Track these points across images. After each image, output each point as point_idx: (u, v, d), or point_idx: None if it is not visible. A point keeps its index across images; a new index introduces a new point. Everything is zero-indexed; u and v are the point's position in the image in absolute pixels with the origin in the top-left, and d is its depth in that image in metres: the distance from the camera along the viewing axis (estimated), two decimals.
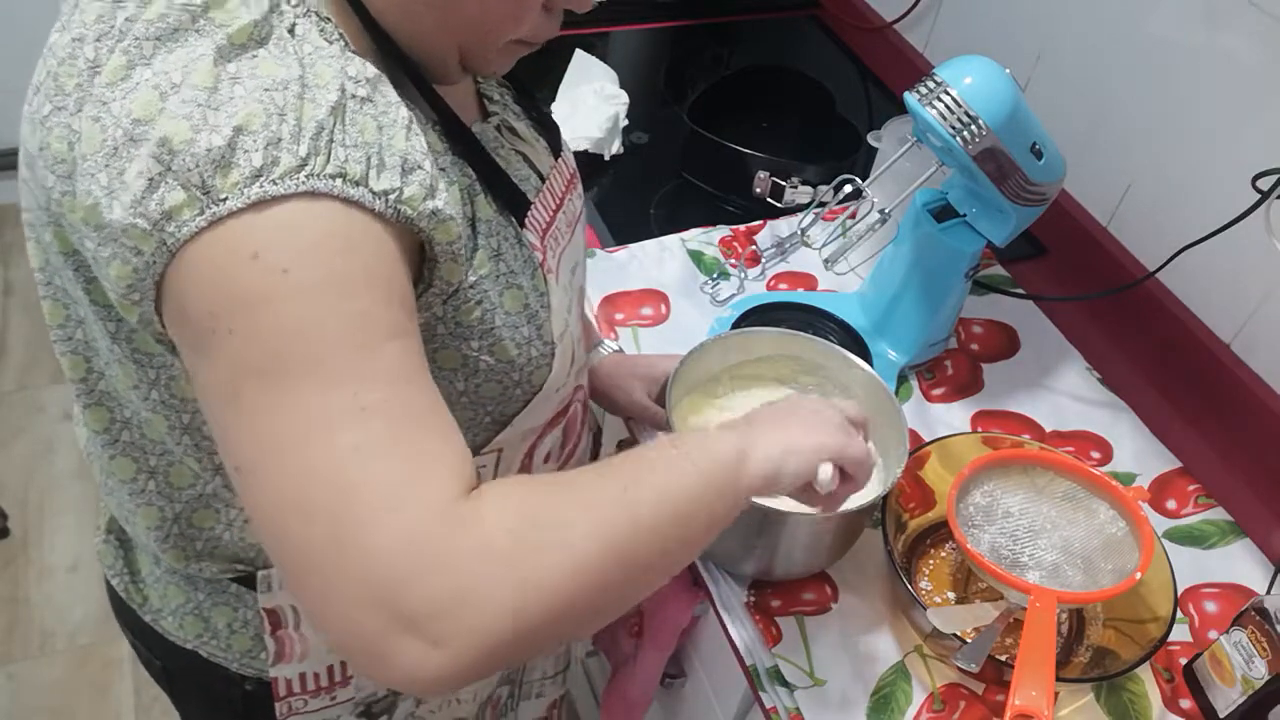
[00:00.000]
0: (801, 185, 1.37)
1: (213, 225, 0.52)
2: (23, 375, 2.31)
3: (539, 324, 0.71)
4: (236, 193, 0.51)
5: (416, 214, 0.57)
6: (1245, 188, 1.04)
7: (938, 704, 0.90)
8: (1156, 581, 0.91)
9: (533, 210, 0.73)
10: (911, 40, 1.68)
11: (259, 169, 0.52)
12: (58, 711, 1.77)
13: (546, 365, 0.72)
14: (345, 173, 0.54)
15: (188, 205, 0.52)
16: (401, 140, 0.57)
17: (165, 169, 0.52)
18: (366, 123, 0.56)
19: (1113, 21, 1.28)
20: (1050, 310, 1.30)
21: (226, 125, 0.52)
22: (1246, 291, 1.16)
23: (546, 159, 0.79)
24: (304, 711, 0.84)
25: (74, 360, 0.68)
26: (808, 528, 0.90)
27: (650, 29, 1.79)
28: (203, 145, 0.51)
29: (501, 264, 0.68)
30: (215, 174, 0.51)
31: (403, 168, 0.56)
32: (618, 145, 1.45)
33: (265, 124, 0.52)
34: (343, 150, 0.54)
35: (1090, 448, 1.15)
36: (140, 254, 0.53)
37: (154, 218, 0.52)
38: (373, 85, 0.58)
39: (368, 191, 0.54)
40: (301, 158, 0.53)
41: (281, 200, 0.52)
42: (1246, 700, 0.87)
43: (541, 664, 1.13)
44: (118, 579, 0.84)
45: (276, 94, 0.53)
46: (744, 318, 1.18)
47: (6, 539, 2.00)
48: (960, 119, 0.95)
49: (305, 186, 0.52)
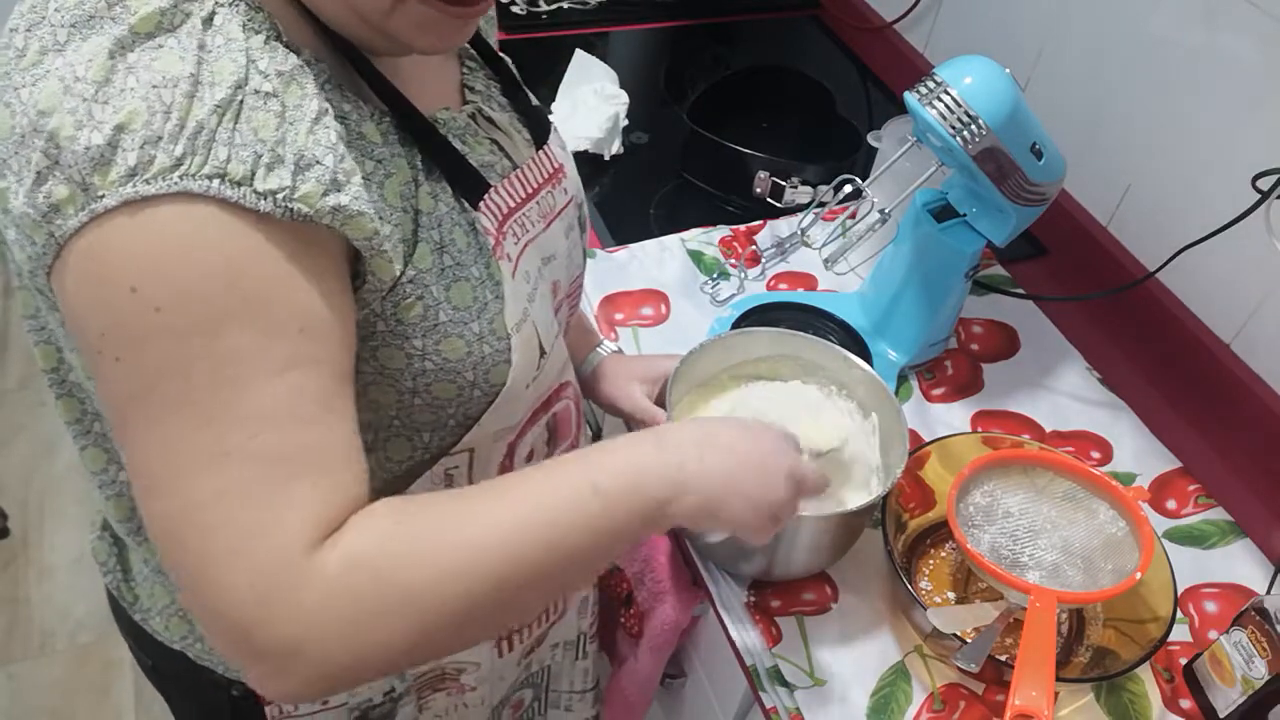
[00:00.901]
0: (801, 185, 1.37)
1: (94, 222, 0.52)
2: (23, 374, 2.32)
3: (490, 317, 0.68)
4: (113, 191, 0.51)
5: (314, 211, 0.55)
6: (1245, 188, 1.04)
7: (938, 704, 0.90)
8: (1156, 581, 0.91)
9: (492, 194, 0.70)
10: (911, 40, 1.68)
11: (134, 168, 0.51)
12: (58, 711, 1.77)
13: (504, 362, 0.70)
14: (225, 173, 0.52)
15: (70, 201, 0.52)
16: (303, 136, 0.56)
17: (53, 163, 0.52)
18: (265, 119, 0.54)
19: (1113, 21, 1.28)
20: (1050, 310, 1.30)
21: (109, 123, 0.51)
22: (1246, 291, 1.16)
23: (525, 150, 0.77)
24: (294, 715, 0.83)
25: (45, 350, 0.69)
26: (808, 528, 0.90)
27: (650, 29, 1.79)
28: (83, 143, 0.51)
29: (447, 257, 0.66)
30: (94, 172, 0.51)
31: (297, 164, 0.55)
32: (618, 145, 1.45)
33: (147, 122, 0.51)
34: (225, 149, 0.53)
35: (1090, 448, 1.15)
36: (34, 244, 0.54)
37: (43, 210, 0.52)
38: (286, 79, 0.56)
39: (250, 192, 0.53)
40: (177, 157, 0.52)
41: (156, 202, 0.51)
42: (1246, 700, 0.87)
43: (568, 675, 1.11)
44: (110, 576, 0.84)
45: (165, 91, 0.52)
46: (744, 318, 1.18)
47: (6, 539, 2.01)
48: (960, 119, 0.95)
49: (179, 187, 0.51)
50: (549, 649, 1.05)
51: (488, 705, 0.98)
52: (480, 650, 0.90)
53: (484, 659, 0.91)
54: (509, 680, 1.01)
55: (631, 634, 1.13)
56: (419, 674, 0.87)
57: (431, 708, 0.92)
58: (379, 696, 0.86)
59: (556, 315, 0.83)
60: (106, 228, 0.51)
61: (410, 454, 0.71)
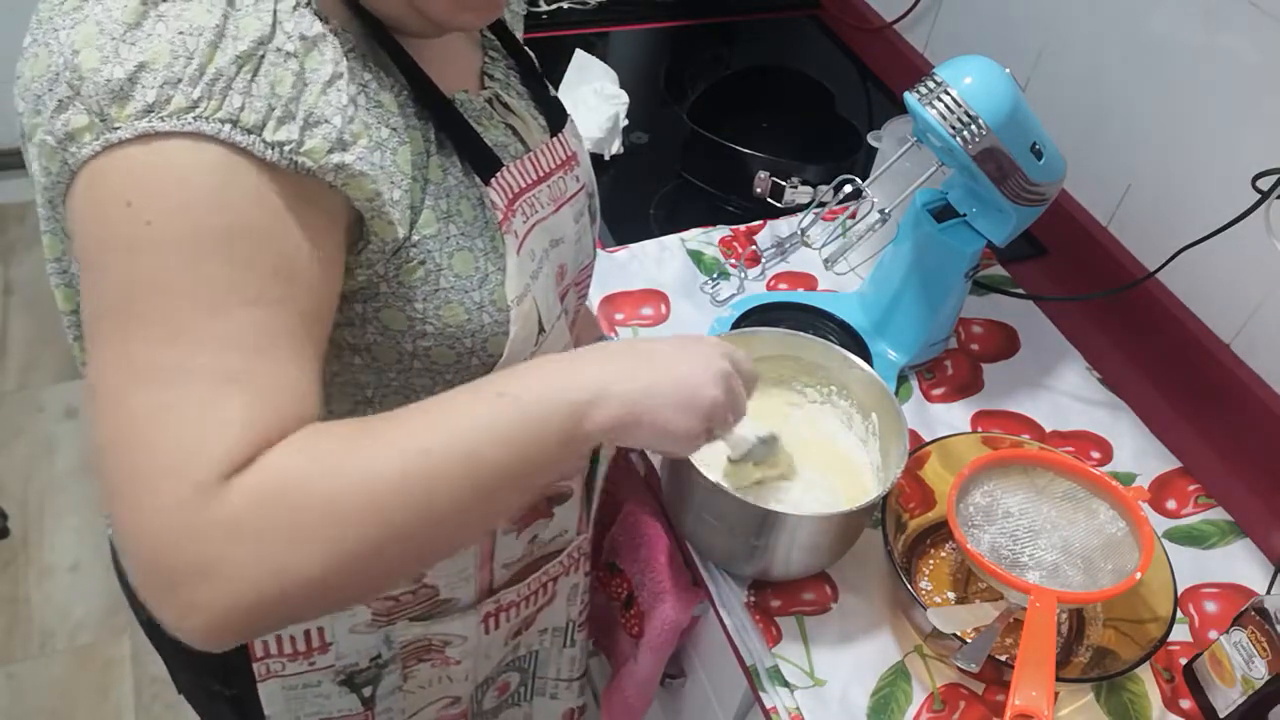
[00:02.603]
0: (801, 185, 1.37)
1: (107, 151, 0.54)
2: (23, 375, 2.31)
3: (491, 289, 0.70)
4: (128, 123, 0.54)
5: (318, 166, 0.58)
6: (1245, 188, 1.04)
7: (938, 704, 0.90)
8: (1156, 581, 0.91)
9: (504, 173, 0.72)
10: (911, 40, 1.68)
11: (151, 104, 0.54)
12: (58, 711, 1.77)
13: (502, 333, 0.71)
14: (237, 120, 0.55)
15: (88, 129, 0.54)
16: (314, 95, 0.59)
17: (74, 93, 0.54)
18: (283, 76, 0.57)
19: (1112, 21, 1.28)
20: (1050, 310, 1.30)
21: (132, 60, 0.54)
22: (1246, 291, 1.16)
23: (539, 136, 0.80)
24: (282, 675, 0.85)
25: (66, 293, 0.71)
26: (808, 528, 0.90)
27: (650, 29, 1.79)
28: (105, 75, 0.54)
29: (452, 225, 0.68)
30: (112, 103, 0.54)
31: (306, 121, 0.58)
32: (618, 145, 1.45)
33: (169, 64, 0.54)
34: (240, 98, 0.56)
35: (1090, 448, 1.15)
36: (49, 172, 0.57)
37: (59, 136, 0.55)
38: (309, 44, 0.59)
39: (259, 140, 0.56)
40: (193, 99, 0.55)
41: (167, 137, 0.54)
42: (1246, 700, 0.87)
43: (555, 662, 1.13)
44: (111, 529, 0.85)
45: (190, 38, 0.55)
46: (744, 318, 1.18)
47: (6, 539, 2.00)
48: (960, 119, 0.95)
49: (191, 127, 0.54)
50: (537, 634, 1.06)
51: (471, 681, 0.99)
52: (467, 623, 0.91)
53: (470, 633, 0.92)
54: (495, 660, 1.02)
55: (631, 634, 1.13)
56: (405, 642, 0.89)
57: (415, 677, 0.93)
58: (364, 662, 0.88)
59: (564, 300, 0.85)
60: (117, 155, 0.54)
61: None
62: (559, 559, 0.98)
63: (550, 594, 1.01)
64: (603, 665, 1.30)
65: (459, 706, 1.01)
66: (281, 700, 0.87)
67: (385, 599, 0.84)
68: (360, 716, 0.93)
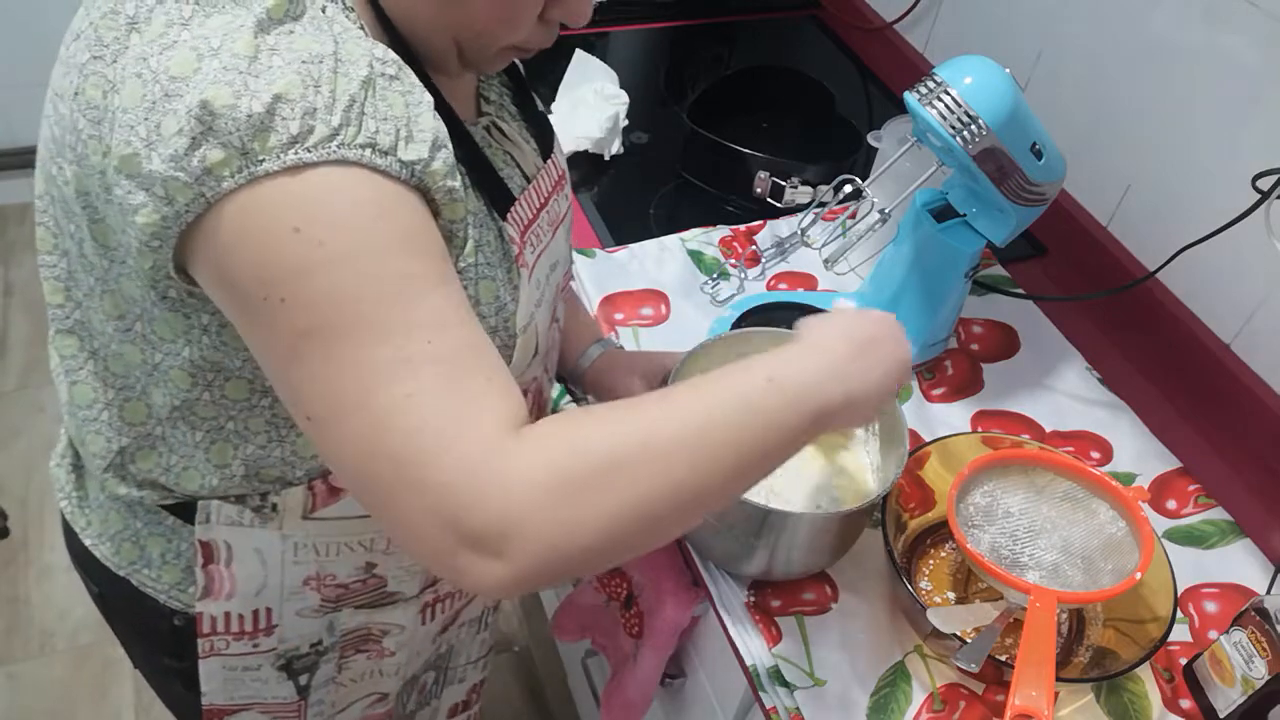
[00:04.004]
0: (801, 185, 1.37)
1: (251, 184, 0.56)
2: (23, 375, 2.32)
3: (506, 316, 0.73)
4: (274, 156, 0.55)
5: (436, 187, 0.62)
6: (1245, 188, 1.04)
7: (938, 704, 0.90)
8: (1156, 581, 0.91)
9: (516, 206, 0.75)
10: (911, 40, 1.68)
11: (295, 136, 0.56)
12: (58, 712, 1.77)
13: (507, 356, 0.74)
14: (375, 143, 0.58)
15: (226, 164, 0.55)
16: (428, 119, 0.61)
17: (207, 129, 0.55)
18: (395, 99, 0.60)
19: (1113, 21, 1.28)
20: (1050, 310, 1.30)
21: (266, 93, 0.55)
22: (1246, 291, 1.16)
23: (534, 161, 0.81)
24: (225, 653, 0.86)
25: (53, 286, 0.72)
26: (808, 528, 0.90)
27: (650, 29, 1.79)
28: (244, 110, 0.55)
29: (481, 255, 0.70)
30: (255, 138, 0.55)
31: (433, 143, 0.61)
32: (618, 145, 1.45)
33: (302, 94, 0.56)
34: (373, 122, 0.58)
35: (1090, 448, 1.15)
36: (172, 204, 0.57)
37: (195, 173, 0.56)
38: (399, 66, 0.62)
39: (396, 161, 0.59)
40: (334, 127, 0.57)
41: (314, 166, 0.56)
42: (1246, 700, 0.87)
43: (466, 650, 1.14)
44: (66, 502, 0.87)
45: (312, 66, 0.57)
46: (744, 318, 1.18)
47: (6, 539, 2.01)
48: (960, 119, 0.95)
49: (337, 155, 0.57)
50: (457, 629, 1.08)
51: (400, 677, 1.00)
52: (408, 612, 0.92)
53: (409, 622, 0.93)
54: (424, 656, 1.03)
55: (631, 634, 1.13)
56: (347, 630, 0.90)
57: (350, 669, 0.94)
58: (305, 647, 0.89)
59: (555, 312, 0.88)
60: (267, 186, 0.56)
61: None
62: None
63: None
64: (603, 665, 1.30)
65: (385, 705, 1.02)
66: (220, 679, 0.88)
67: (335, 586, 0.85)
68: (293, 706, 0.93)
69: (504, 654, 1.90)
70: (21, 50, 2.41)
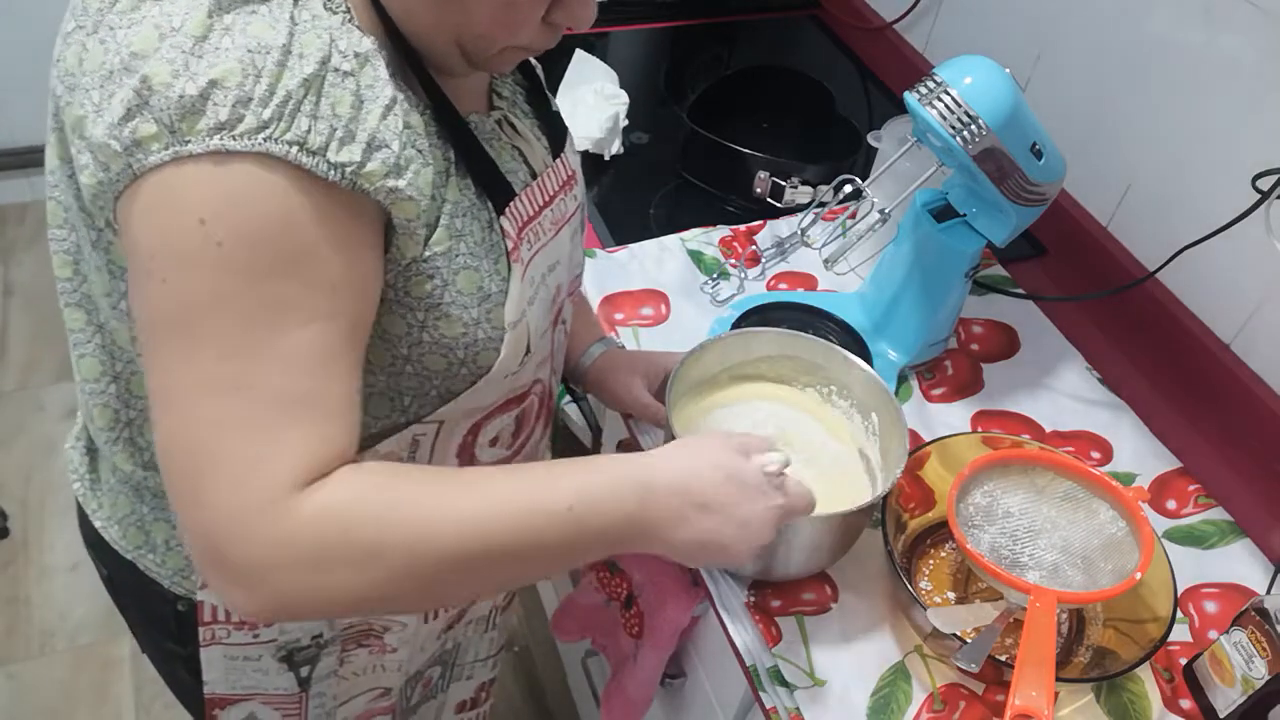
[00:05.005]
0: (801, 185, 1.37)
1: (175, 162, 0.57)
2: (23, 375, 2.32)
3: (490, 308, 0.72)
4: (199, 139, 0.56)
5: (374, 189, 0.61)
6: (1245, 188, 1.04)
7: (938, 704, 0.90)
8: (1156, 581, 0.91)
9: (516, 202, 0.74)
10: (911, 40, 1.68)
11: (223, 123, 0.56)
12: (58, 711, 1.77)
13: (494, 349, 0.74)
14: (304, 142, 0.58)
15: (155, 139, 0.57)
16: (375, 119, 0.61)
17: (143, 103, 0.57)
18: (342, 96, 0.60)
19: (1112, 21, 1.28)
20: (1050, 310, 1.30)
21: (204, 76, 0.56)
22: (1246, 291, 1.16)
23: (543, 157, 0.81)
24: (226, 642, 0.86)
25: (62, 260, 0.74)
26: (808, 528, 0.90)
27: (650, 29, 1.79)
28: (177, 91, 0.56)
29: (462, 245, 0.70)
30: (183, 119, 0.56)
31: (369, 144, 0.61)
32: (618, 145, 1.45)
33: (239, 83, 0.57)
34: (306, 120, 0.58)
35: (1090, 448, 1.15)
36: (108, 170, 0.59)
37: (126, 143, 0.57)
38: (362, 60, 0.62)
39: (323, 161, 0.59)
40: (264, 120, 0.57)
41: (239, 157, 0.57)
42: (1246, 700, 0.87)
43: (474, 647, 1.14)
44: (79, 484, 0.87)
45: (258, 56, 0.57)
46: (744, 318, 1.18)
47: (6, 539, 2.01)
48: (960, 119, 0.95)
49: (261, 148, 0.57)
50: (463, 626, 1.08)
51: (403, 673, 1.01)
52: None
53: (410, 620, 0.94)
54: (428, 652, 1.04)
55: (631, 634, 1.13)
56: (347, 625, 0.90)
57: (352, 662, 0.95)
58: (306, 639, 0.89)
59: (560, 313, 0.87)
60: (188, 168, 0.57)
61: (389, 414, 0.75)
62: None
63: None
64: (602, 665, 1.30)
65: (388, 699, 1.03)
66: (221, 668, 0.89)
67: None
68: (294, 698, 0.94)
69: (504, 654, 1.89)
70: (21, 50, 2.41)
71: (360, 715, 1.02)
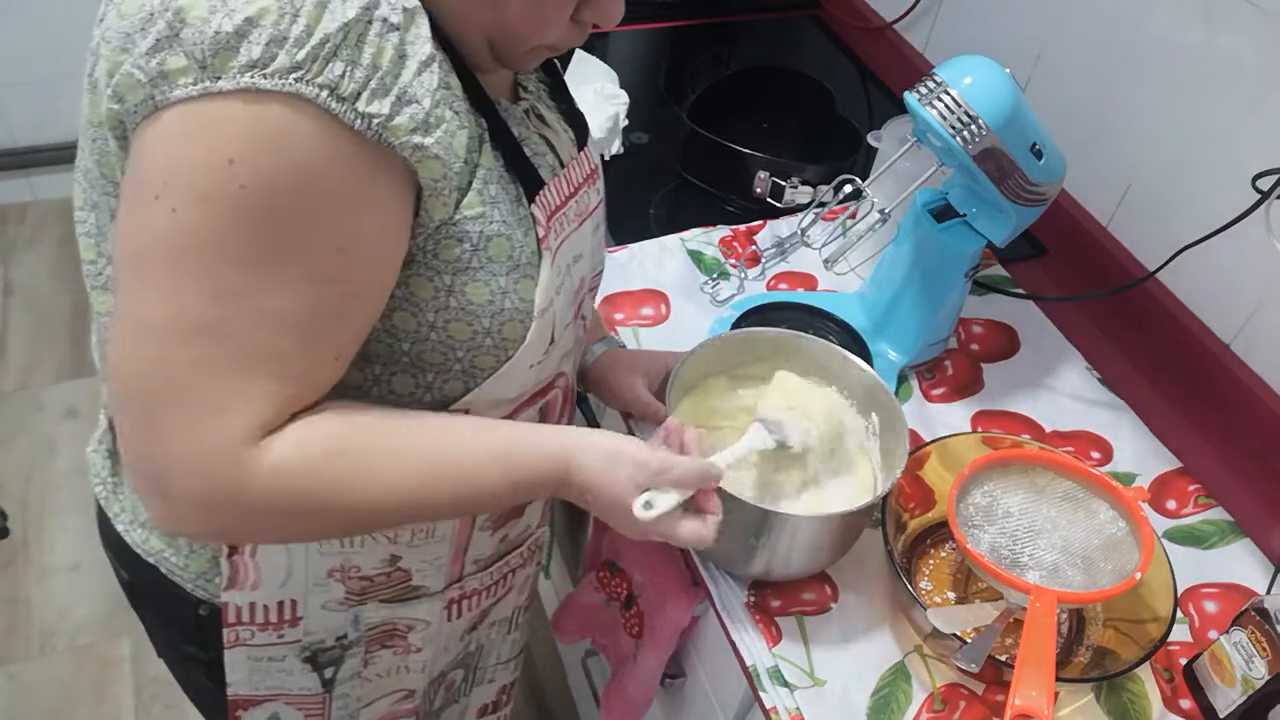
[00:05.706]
0: (801, 185, 1.37)
1: (205, 97, 0.56)
2: (23, 375, 2.31)
3: (518, 278, 0.72)
4: (230, 76, 0.56)
5: (400, 143, 0.61)
6: (1245, 188, 1.04)
7: (938, 704, 0.90)
8: (1156, 581, 0.91)
9: (546, 190, 0.75)
10: (911, 40, 1.68)
11: (255, 60, 0.56)
12: (58, 711, 1.77)
13: (519, 321, 0.73)
14: (335, 87, 0.57)
15: (184, 72, 0.56)
16: (410, 74, 0.60)
17: (174, 35, 0.56)
18: (384, 48, 0.59)
19: (1113, 21, 1.28)
20: (1050, 310, 1.30)
21: (240, 14, 0.56)
22: (1246, 291, 1.16)
23: (569, 148, 0.82)
24: (250, 644, 0.86)
25: (86, 243, 0.74)
26: (808, 528, 0.90)
27: (650, 29, 1.79)
28: (213, 27, 0.55)
29: (496, 211, 0.70)
30: (217, 54, 0.56)
31: (399, 98, 0.60)
32: (618, 145, 1.45)
33: (275, 22, 0.56)
34: (341, 65, 0.57)
35: (1090, 448, 1.15)
36: (122, 101, 0.59)
37: (151, 73, 0.57)
38: (410, 15, 0.61)
39: (351, 110, 0.58)
40: (297, 61, 0.56)
41: (268, 96, 0.56)
42: (1246, 700, 0.87)
43: (496, 650, 1.14)
44: (101, 487, 0.87)
45: None
46: (744, 318, 1.18)
47: (6, 539, 2.00)
48: (960, 119, 0.95)
49: (292, 89, 0.56)
50: (487, 627, 1.07)
51: (427, 674, 1.00)
52: (432, 608, 0.93)
53: (434, 618, 0.94)
54: (452, 654, 1.03)
55: (631, 634, 1.13)
56: (371, 626, 0.90)
57: (376, 664, 0.94)
58: (331, 640, 0.89)
59: (581, 308, 0.87)
60: (218, 103, 0.56)
61: (413, 391, 0.75)
62: (520, 550, 0.99)
63: (508, 585, 1.02)
64: (603, 665, 1.30)
65: (412, 702, 1.02)
66: (245, 669, 0.88)
67: (360, 579, 0.85)
68: (318, 699, 0.94)
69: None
70: (22, 50, 2.41)
71: (383, 717, 1.01)
